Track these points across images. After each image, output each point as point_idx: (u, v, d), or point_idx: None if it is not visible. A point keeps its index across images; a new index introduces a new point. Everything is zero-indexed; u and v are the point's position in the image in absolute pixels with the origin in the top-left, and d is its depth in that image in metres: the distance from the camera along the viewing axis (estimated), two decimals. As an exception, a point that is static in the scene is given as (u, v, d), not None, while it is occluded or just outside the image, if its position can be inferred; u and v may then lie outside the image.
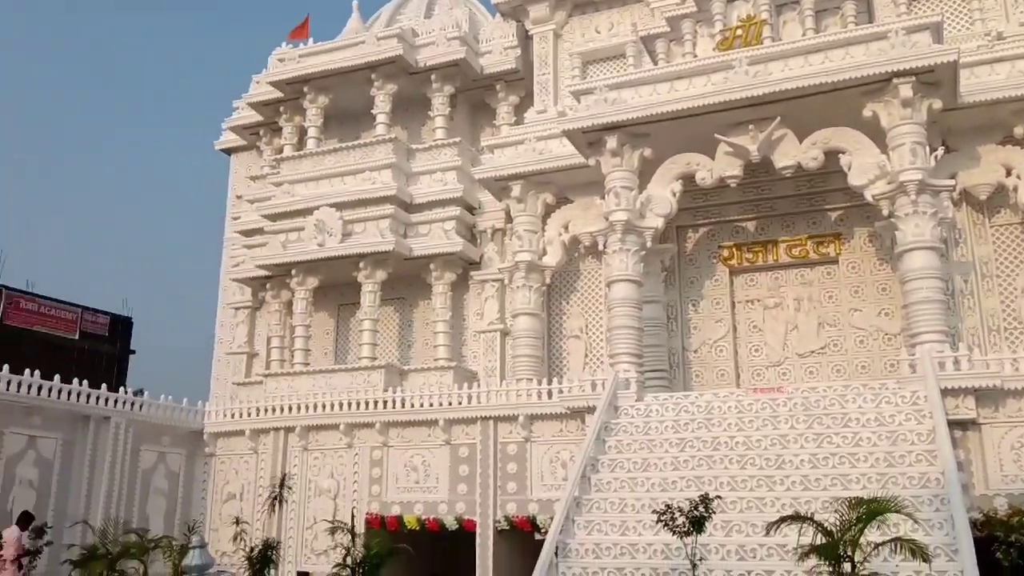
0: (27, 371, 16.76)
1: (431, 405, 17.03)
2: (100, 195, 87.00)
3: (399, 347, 20.48)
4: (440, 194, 19.54)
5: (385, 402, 17.42)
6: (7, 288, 29.06)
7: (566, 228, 18.18)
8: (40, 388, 16.69)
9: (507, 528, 15.89)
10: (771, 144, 15.12)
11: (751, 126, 15.14)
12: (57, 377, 17.23)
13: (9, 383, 16.16)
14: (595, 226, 16.58)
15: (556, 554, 11.62)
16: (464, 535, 16.23)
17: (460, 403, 16.79)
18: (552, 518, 12.91)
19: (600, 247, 16.49)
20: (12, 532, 13.55)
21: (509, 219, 19.02)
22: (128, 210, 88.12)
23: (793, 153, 15.08)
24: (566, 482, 13.88)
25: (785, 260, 17.56)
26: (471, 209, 19.87)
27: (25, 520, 13.96)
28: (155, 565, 15.14)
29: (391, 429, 17.38)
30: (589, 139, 16.20)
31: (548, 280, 18.32)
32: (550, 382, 16.45)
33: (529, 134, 18.57)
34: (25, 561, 13.65)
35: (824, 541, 9.29)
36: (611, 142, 15.82)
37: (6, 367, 16.40)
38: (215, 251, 23.98)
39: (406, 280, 20.04)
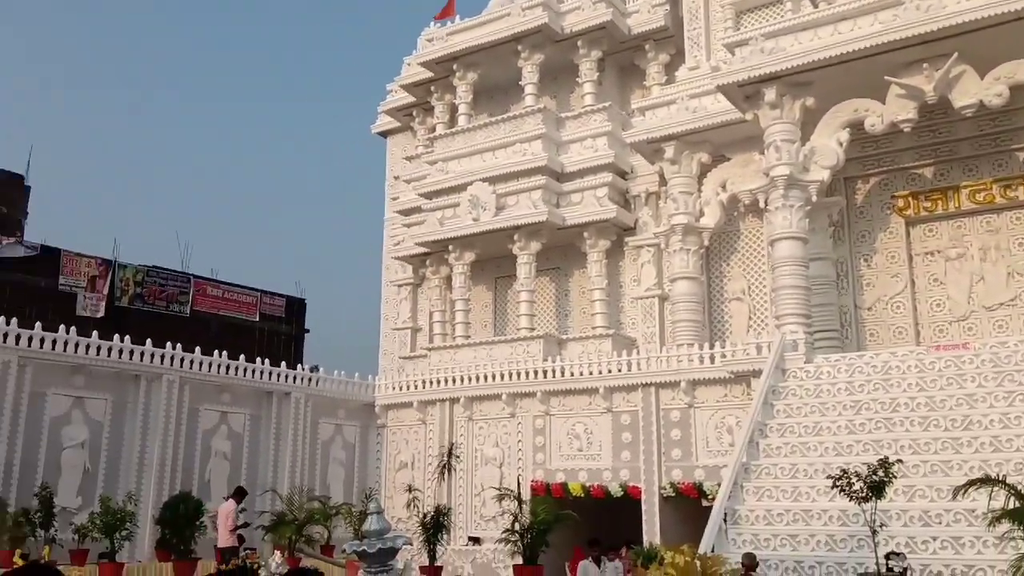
0: (216, 352, 18.27)
1: (591, 373, 17.18)
2: (272, 185, 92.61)
3: (556, 316, 20.71)
4: (591, 161, 19.49)
5: (545, 371, 17.73)
6: (195, 276, 31.60)
7: (723, 187, 17.70)
8: (228, 368, 18.17)
9: (673, 495, 15.87)
10: (948, 83, 14.07)
11: (925, 65, 14.15)
12: (242, 357, 18.70)
13: (202, 364, 17.69)
14: (755, 183, 16.07)
15: (725, 520, 11.49)
16: (629, 502, 16.35)
17: (620, 370, 16.85)
18: (719, 484, 12.76)
19: (761, 205, 15.96)
20: (229, 505, 14.78)
21: (663, 182, 18.74)
22: (297, 198, 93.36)
23: (974, 91, 13.98)
24: (733, 448, 13.69)
25: (968, 207, 16.34)
26: (623, 174, 19.71)
27: (239, 494, 15.16)
28: (337, 530, 16.24)
29: (552, 398, 17.69)
30: (746, 92, 15.67)
31: (706, 242, 17.95)
32: (712, 347, 16.20)
33: (681, 93, 18.16)
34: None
35: (1018, 505, 8.70)
36: (769, 94, 15.24)
37: (197, 349, 17.95)
38: (377, 231, 25.05)
39: (561, 250, 20.19)
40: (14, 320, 15.46)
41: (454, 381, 18.91)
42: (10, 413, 14.90)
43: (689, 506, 15.69)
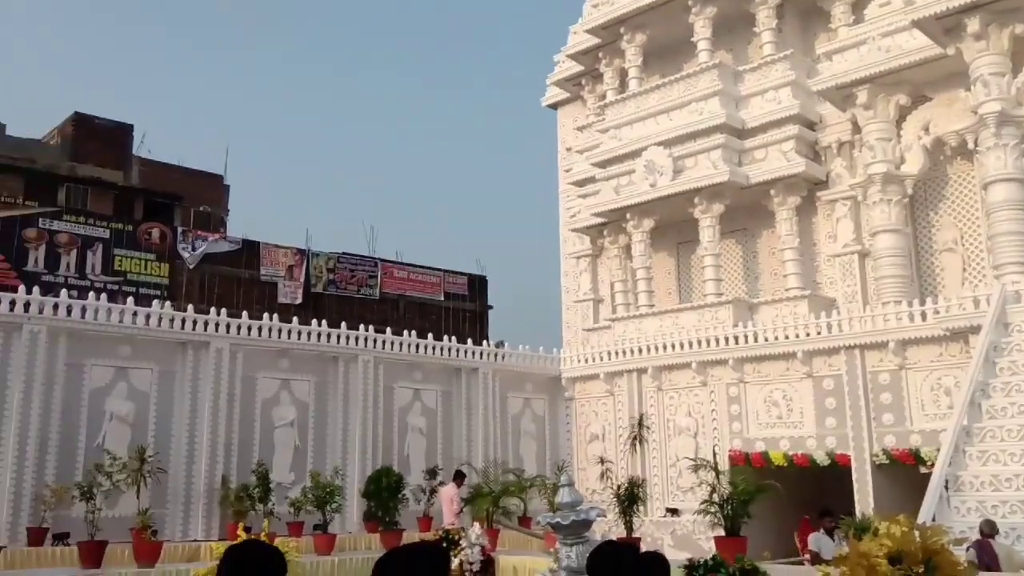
0: (405, 332, 19.11)
1: (787, 337, 16.58)
2: (448, 167, 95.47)
3: (745, 280, 20.09)
4: (774, 114, 18.66)
5: (736, 337, 17.26)
6: (381, 260, 33.14)
7: (926, 130, 16.48)
8: (418, 346, 18.96)
9: (886, 462, 15.07)
10: None
11: None
12: (430, 335, 19.44)
13: (393, 344, 18.56)
14: (962, 123, 14.89)
15: (946, 488, 10.79)
16: (836, 470, 15.68)
17: (819, 333, 16.16)
18: (938, 450, 11.99)
19: (970, 146, 14.78)
20: (451, 489, 15.46)
21: (856, 129, 17.67)
22: (472, 177, 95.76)
23: None
24: (952, 411, 12.81)
25: None
26: (811, 125, 18.74)
27: (459, 477, 15.86)
28: (533, 502, 16.57)
29: (745, 364, 17.21)
30: (945, 25, 14.50)
31: (910, 191, 16.78)
32: (922, 303, 15.17)
33: (872, 32, 17.00)
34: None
35: None
36: (973, 24, 14.02)
37: (388, 330, 18.86)
38: (553, 205, 25.23)
39: (746, 210, 19.52)
40: (223, 310, 16.90)
41: (640, 351, 18.79)
42: (226, 396, 16.23)
43: (904, 474, 14.84)
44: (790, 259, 18.50)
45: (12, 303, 14.44)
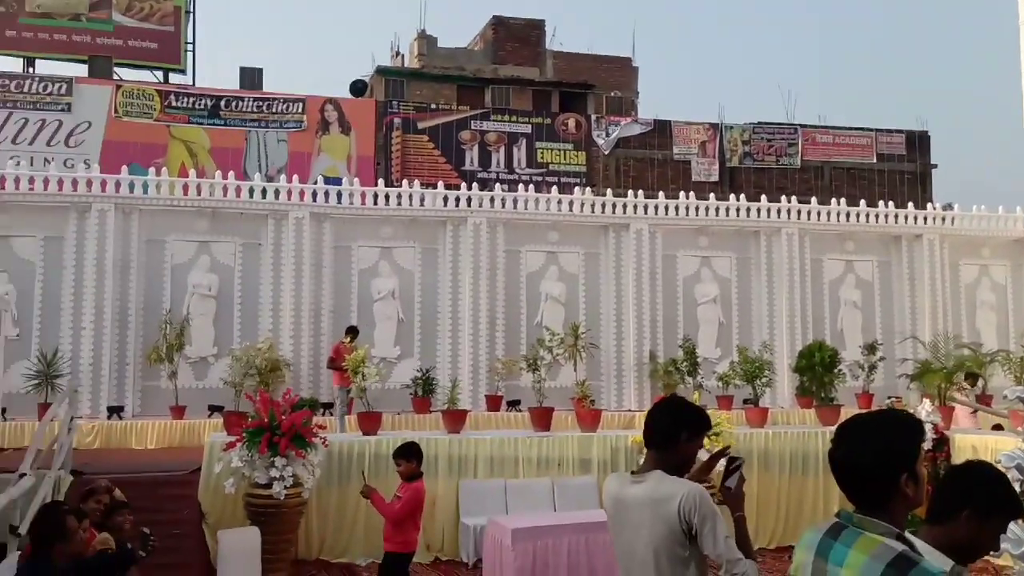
0: (832, 201, 18.20)
1: None
2: (870, 13, 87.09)
3: None
4: None
5: None
6: (801, 126, 31.52)
7: None
8: (848, 215, 17.97)
9: None
10: None
11: None
12: (862, 202, 18.32)
13: (820, 214, 17.82)
14: None
15: None
16: None
17: None
18: None
19: None
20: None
21: None
22: (905, 21, 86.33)
23: None
24: None
25: None
26: None
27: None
28: (994, 379, 15.07)
29: None
30: None
31: None
32: None
33: None
34: None
35: None
36: None
37: (813, 200, 18.25)
38: (1010, 39, 21.78)
39: None
40: (639, 192, 17.56)
41: None
42: (648, 275, 16.98)
43: None
44: None
45: (457, 200, 16.49)
